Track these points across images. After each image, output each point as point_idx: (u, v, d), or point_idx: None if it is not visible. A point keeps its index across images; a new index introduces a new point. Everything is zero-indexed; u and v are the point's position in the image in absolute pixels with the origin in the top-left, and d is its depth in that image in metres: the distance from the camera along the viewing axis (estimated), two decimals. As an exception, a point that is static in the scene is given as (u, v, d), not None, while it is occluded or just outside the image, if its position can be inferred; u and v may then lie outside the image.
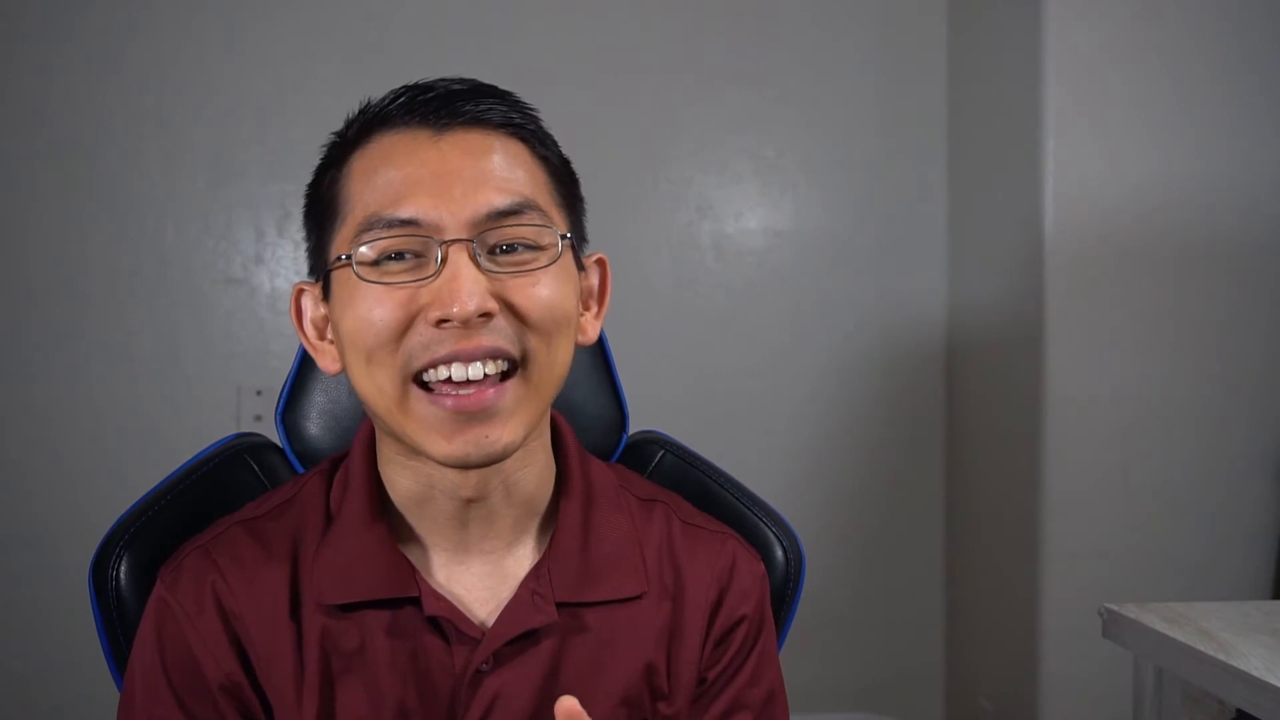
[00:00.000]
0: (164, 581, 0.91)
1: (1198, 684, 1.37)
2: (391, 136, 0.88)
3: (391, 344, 0.84)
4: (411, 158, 0.86)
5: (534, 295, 0.85)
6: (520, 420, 0.86)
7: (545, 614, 0.91)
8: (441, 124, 0.87)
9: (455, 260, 0.83)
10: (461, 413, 0.84)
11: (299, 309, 0.95)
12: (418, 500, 0.92)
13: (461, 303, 0.82)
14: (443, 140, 0.87)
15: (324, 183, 0.92)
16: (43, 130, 2.33)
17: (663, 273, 2.52)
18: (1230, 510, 2.25)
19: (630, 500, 1.00)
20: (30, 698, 2.32)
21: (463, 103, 0.88)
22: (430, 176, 0.85)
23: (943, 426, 2.60)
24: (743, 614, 0.99)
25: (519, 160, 0.89)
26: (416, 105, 0.88)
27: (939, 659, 2.62)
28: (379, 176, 0.87)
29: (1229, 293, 2.24)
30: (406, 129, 0.88)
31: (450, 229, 0.84)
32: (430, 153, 0.86)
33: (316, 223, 0.92)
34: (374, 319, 0.84)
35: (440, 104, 0.88)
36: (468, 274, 0.83)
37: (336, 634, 0.89)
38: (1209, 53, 2.22)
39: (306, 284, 0.94)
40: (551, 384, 0.89)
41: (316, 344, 0.94)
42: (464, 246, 0.84)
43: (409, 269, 0.85)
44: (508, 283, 0.85)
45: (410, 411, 0.85)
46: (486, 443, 0.84)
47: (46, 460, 2.34)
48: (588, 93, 2.47)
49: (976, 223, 2.49)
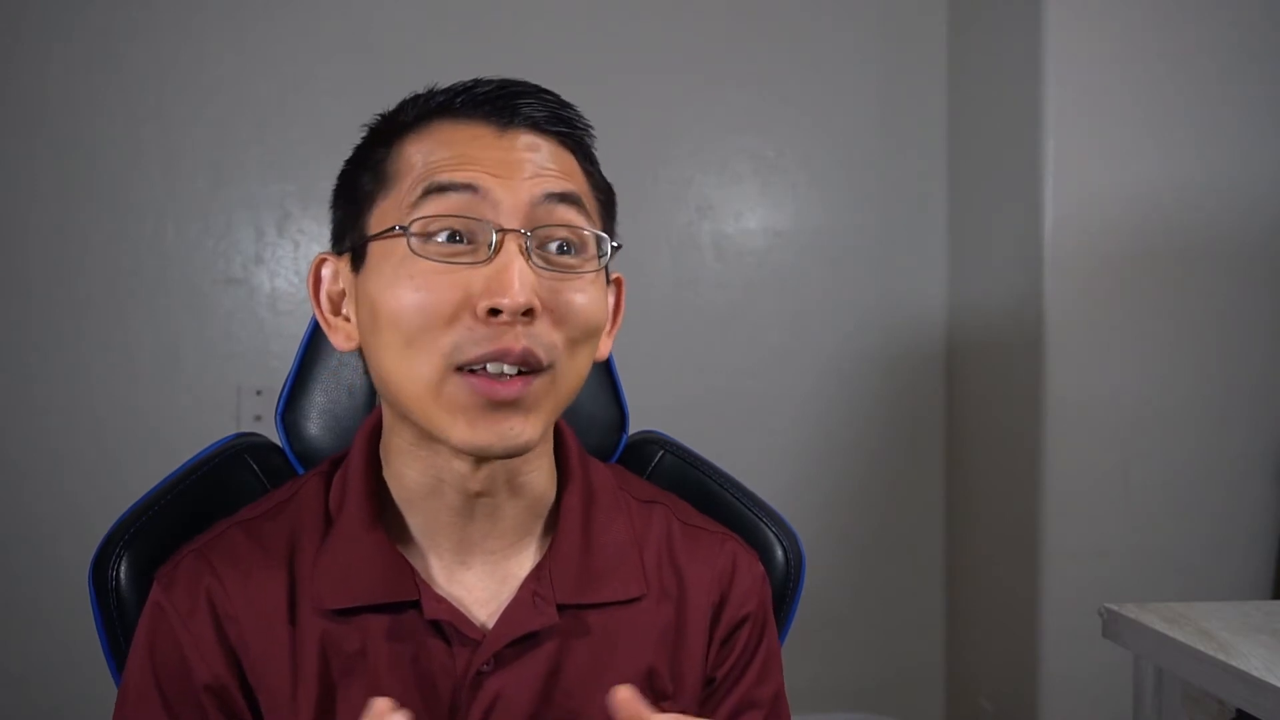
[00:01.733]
0: (160, 584, 0.91)
1: (1198, 684, 1.37)
2: (451, 126, 0.88)
3: (437, 329, 0.83)
4: (473, 144, 0.86)
5: (574, 302, 0.86)
6: (541, 417, 0.86)
7: (546, 616, 0.91)
8: (504, 121, 0.88)
9: (509, 249, 0.83)
10: (491, 400, 0.83)
11: (317, 279, 0.93)
12: (424, 494, 0.91)
13: (513, 295, 0.81)
14: (504, 136, 0.87)
15: (370, 158, 0.90)
16: (43, 130, 2.33)
17: (663, 273, 2.52)
18: (1230, 510, 2.25)
19: (630, 502, 1.00)
20: (30, 698, 2.31)
21: (526, 103, 0.89)
22: (490, 160, 0.86)
23: (943, 426, 2.60)
24: (746, 613, 0.99)
25: (572, 167, 0.90)
26: (481, 100, 0.88)
27: (939, 659, 2.62)
28: (438, 153, 0.86)
29: (1229, 293, 2.24)
30: (469, 121, 0.88)
31: (506, 209, 0.84)
32: (491, 144, 0.87)
33: (353, 196, 0.91)
34: (422, 302, 0.83)
35: (504, 102, 0.88)
36: (521, 266, 0.82)
37: (337, 637, 0.89)
38: (1209, 53, 2.22)
39: (329, 255, 0.93)
40: (570, 392, 0.89)
41: (331, 319, 0.93)
42: (517, 237, 0.83)
43: (460, 252, 0.84)
44: (553, 284, 0.85)
45: (444, 396, 0.84)
46: (510, 434, 0.84)
47: (46, 460, 2.34)
48: (588, 93, 2.43)
49: (976, 223, 2.49)
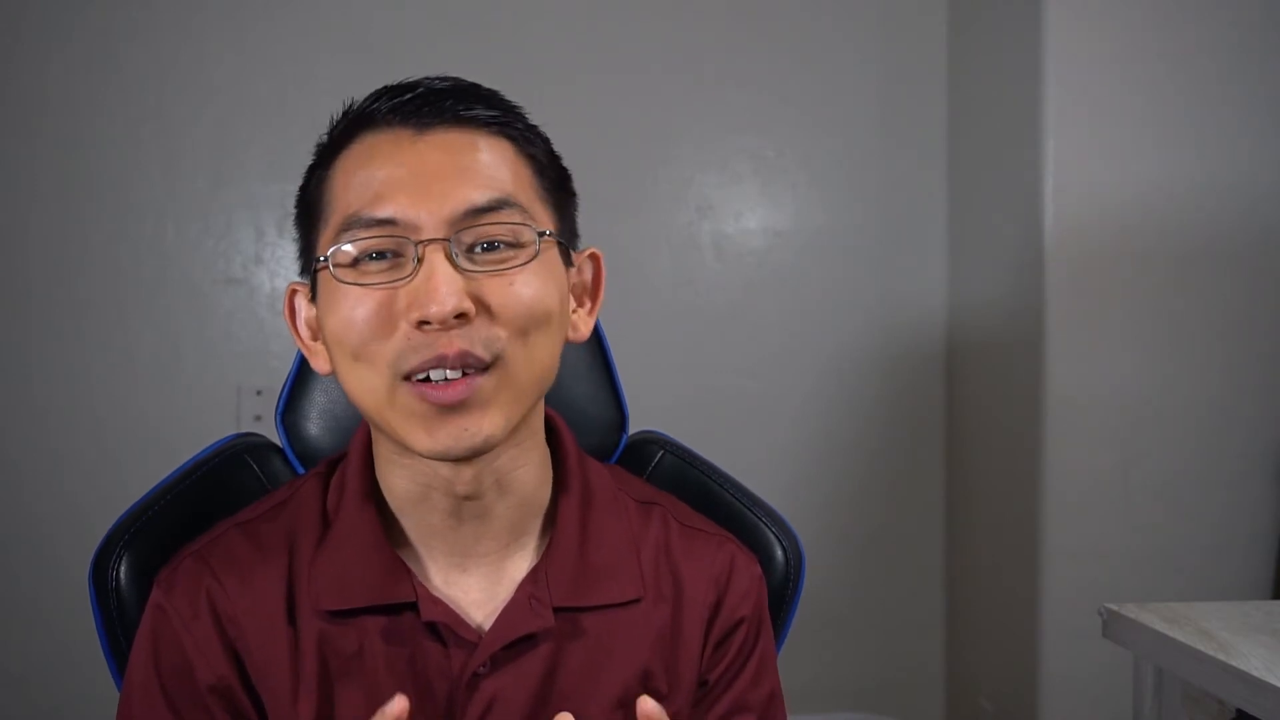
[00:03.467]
0: (160, 587, 0.91)
1: (1198, 684, 1.37)
2: (374, 136, 0.88)
3: (375, 343, 0.84)
4: (391, 157, 0.86)
5: (510, 294, 0.85)
6: (498, 412, 0.85)
7: (542, 618, 0.91)
8: (423, 123, 0.87)
9: (431, 260, 0.83)
10: (442, 405, 0.84)
11: (292, 309, 0.95)
12: (414, 500, 0.91)
13: (439, 303, 0.81)
14: (423, 140, 0.87)
15: (311, 184, 0.92)
16: (43, 130, 2.33)
17: (663, 273, 2.52)
18: (1230, 510, 2.25)
19: (628, 503, 1.00)
20: (30, 698, 2.32)
21: (444, 101, 0.88)
22: (409, 176, 0.85)
23: (943, 426, 2.60)
24: (741, 616, 0.98)
25: (502, 157, 0.88)
26: (398, 105, 0.88)
27: (939, 659, 2.62)
28: (359, 177, 0.86)
29: (1229, 292, 2.24)
30: (389, 129, 0.88)
31: (428, 228, 0.84)
32: (410, 152, 0.86)
33: (304, 223, 0.92)
34: (355, 319, 0.84)
35: (421, 103, 0.88)
36: (444, 273, 0.82)
37: (335, 638, 0.89)
38: (1209, 52, 2.22)
39: (299, 284, 0.94)
40: (531, 380, 0.88)
41: (310, 344, 0.94)
42: (440, 246, 0.83)
43: (387, 269, 0.84)
44: (485, 282, 0.84)
45: (397, 405, 0.85)
46: (466, 435, 0.84)
47: (46, 460, 2.34)
48: (588, 92, 2.47)
49: (976, 223, 2.49)
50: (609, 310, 1.03)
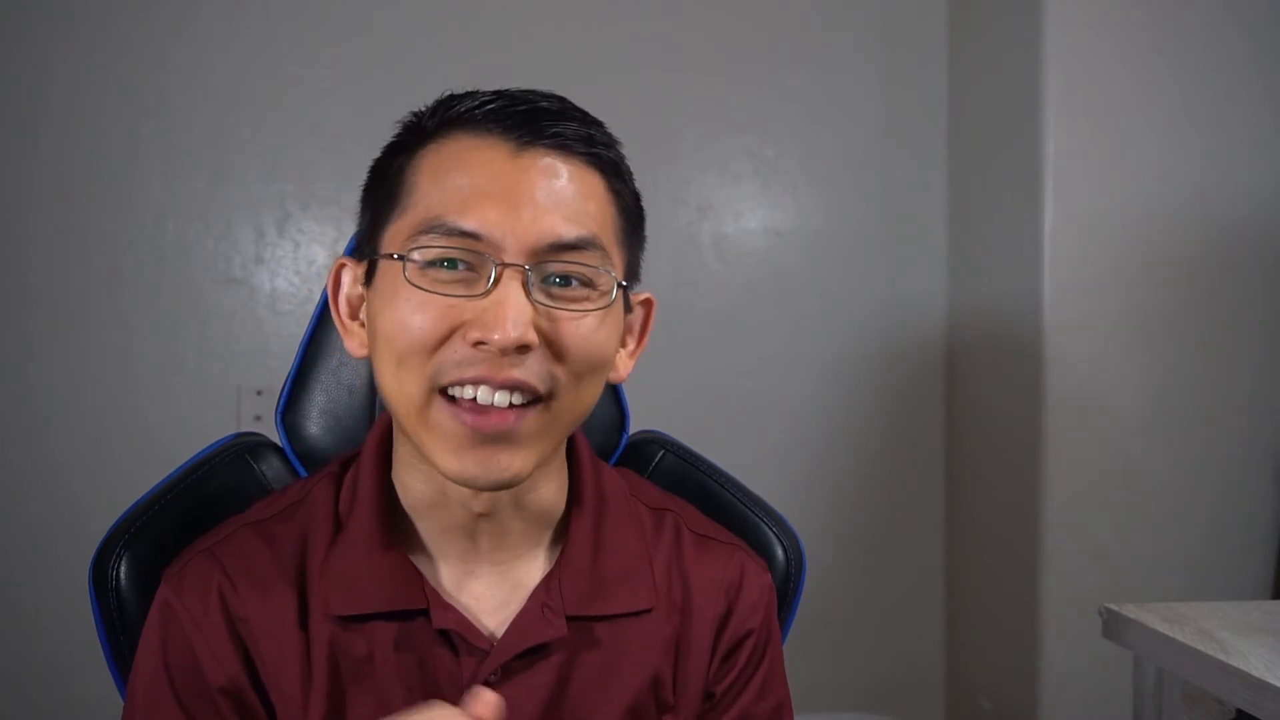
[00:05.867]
0: (169, 584, 0.91)
1: (1198, 684, 1.37)
2: (470, 139, 0.86)
3: (425, 353, 0.83)
4: (486, 169, 0.84)
5: (577, 335, 0.84)
6: (534, 451, 0.85)
7: (555, 628, 0.90)
8: (524, 140, 0.85)
9: (508, 285, 0.81)
10: (478, 432, 0.82)
11: (337, 282, 0.93)
12: (430, 505, 0.91)
13: (504, 331, 0.80)
14: (522, 157, 0.85)
15: (391, 165, 0.89)
16: (43, 130, 2.33)
17: (663, 273, 2.52)
18: (1230, 510, 2.25)
19: (641, 510, 0.99)
20: (30, 698, 2.31)
21: (549, 123, 0.86)
22: (501, 192, 0.83)
23: (943, 426, 2.60)
24: (750, 628, 0.98)
25: (593, 192, 0.87)
26: (503, 115, 0.86)
27: (939, 659, 2.61)
28: (449, 180, 0.84)
29: (1229, 292, 2.24)
30: (488, 136, 0.85)
31: (510, 251, 0.82)
32: (506, 167, 0.84)
33: (375, 204, 0.90)
34: (412, 325, 0.83)
35: (526, 119, 0.86)
36: (517, 302, 0.81)
37: (345, 643, 0.89)
38: (1209, 52, 2.22)
39: (350, 260, 0.92)
40: (573, 420, 0.88)
41: (348, 323, 0.93)
42: (519, 273, 0.82)
43: (458, 280, 0.83)
44: (555, 316, 0.83)
45: (430, 421, 0.84)
46: (496, 468, 0.83)
47: (46, 461, 2.33)
48: (587, 92, 2.43)
49: (976, 223, 2.48)
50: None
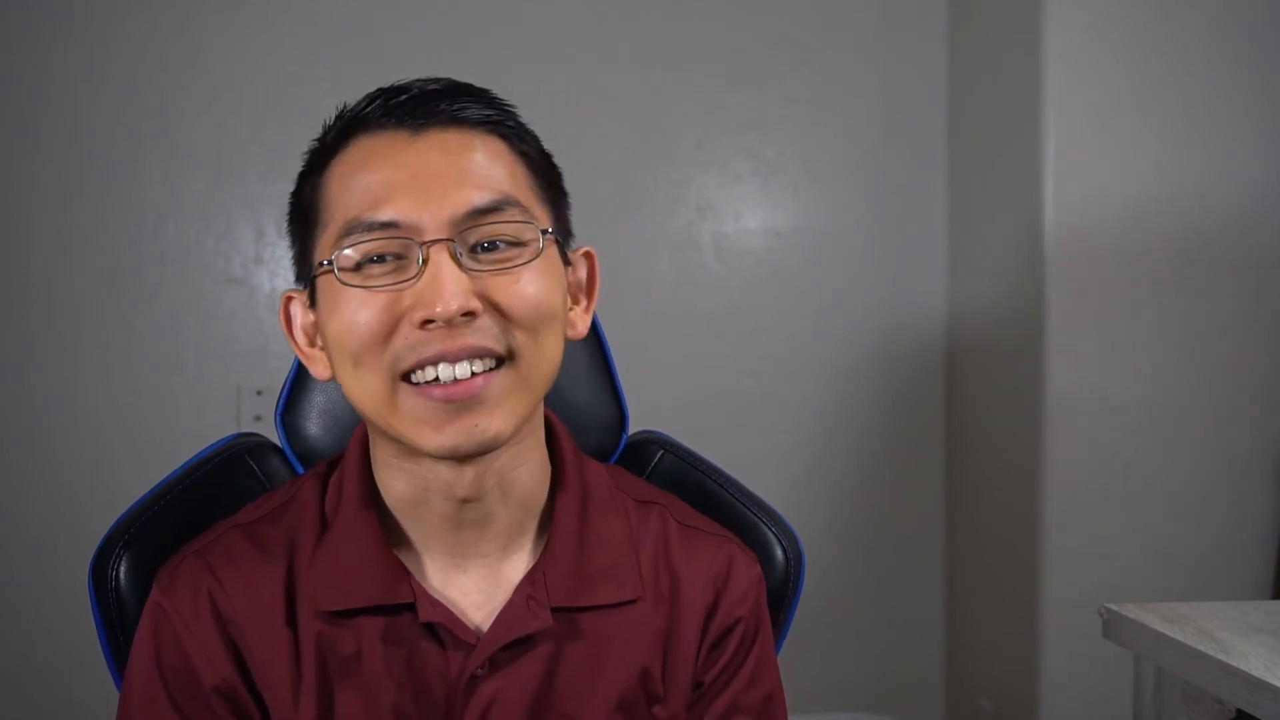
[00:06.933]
0: (160, 586, 0.91)
1: (1198, 684, 1.37)
2: (369, 139, 0.88)
3: (377, 346, 0.85)
4: (389, 160, 0.86)
5: (517, 292, 0.85)
6: (509, 409, 0.86)
7: (540, 619, 0.91)
8: (418, 124, 0.87)
9: (436, 260, 0.83)
10: (451, 402, 0.84)
11: (288, 316, 0.95)
12: (412, 503, 0.91)
13: (444, 302, 0.82)
14: (420, 141, 0.87)
15: (305, 190, 0.92)
16: (43, 130, 2.33)
17: (663, 273, 2.52)
18: (1230, 510, 2.25)
19: (627, 502, 1.00)
20: (30, 698, 2.31)
21: (438, 102, 0.88)
22: (408, 178, 0.85)
23: (943, 426, 2.60)
24: (738, 616, 0.98)
25: (498, 157, 0.89)
26: (392, 107, 0.88)
27: (939, 659, 2.62)
28: (357, 180, 0.87)
29: (1229, 292, 2.24)
30: (384, 131, 0.88)
31: (430, 229, 0.84)
32: (408, 154, 0.86)
33: (299, 230, 0.92)
34: (358, 322, 0.85)
35: (416, 104, 0.88)
36: (449, 273, 0.83)
37: (333, 639, 0.89)
38: (1210, 52, 2.22)
39: (294, 291, 0.94)
40: (541, 377, 0.89)
41: (307, 351, 0.94)
42: (444, 246, 0.84)
43: (391, 271, 0.85)
44: (490, 280, 0.85)
45: (399, 407, 0.85)
46: (476, 431, 0.84)
47: (46, 460, 2.34)
48: (587, 92, 2.46)
49: (976, 223, 2.49)
50: (609, 310, 1.03)
